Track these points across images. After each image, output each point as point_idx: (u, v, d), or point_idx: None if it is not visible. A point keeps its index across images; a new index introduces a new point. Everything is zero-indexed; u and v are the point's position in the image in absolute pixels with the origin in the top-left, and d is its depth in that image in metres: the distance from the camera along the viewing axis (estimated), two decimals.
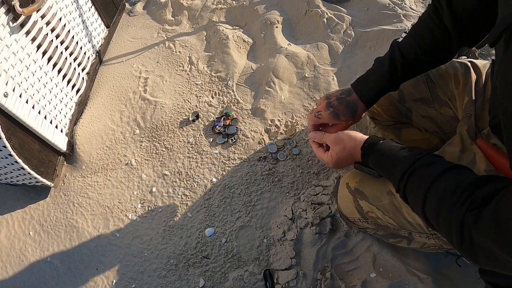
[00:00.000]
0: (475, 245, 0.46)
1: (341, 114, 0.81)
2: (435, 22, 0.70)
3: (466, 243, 0.48)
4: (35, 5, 1.16)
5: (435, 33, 0.71)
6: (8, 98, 1.06)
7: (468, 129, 0.72)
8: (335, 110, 0.81)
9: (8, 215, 1.38)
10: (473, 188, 0.49)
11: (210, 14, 1.82)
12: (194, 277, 1.09)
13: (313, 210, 1.10)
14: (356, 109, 0.81)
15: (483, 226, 0.44)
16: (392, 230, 0.84)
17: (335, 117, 0.81)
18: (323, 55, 1.51)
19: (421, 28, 0.74)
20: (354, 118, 0.83)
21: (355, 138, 0.71)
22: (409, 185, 0.59)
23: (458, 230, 0.48)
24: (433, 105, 0.87)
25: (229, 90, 1.48)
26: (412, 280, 0.95)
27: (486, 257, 0.46)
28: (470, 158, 0.68)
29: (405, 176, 0.59)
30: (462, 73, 0.81)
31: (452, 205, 0.50)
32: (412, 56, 0.74)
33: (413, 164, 0.59)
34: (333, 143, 0.75)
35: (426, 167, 0.57)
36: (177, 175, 1.31)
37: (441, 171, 0.54)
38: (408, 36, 0.76)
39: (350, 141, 0.72)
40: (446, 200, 0.51)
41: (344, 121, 0.83)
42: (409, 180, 0.59)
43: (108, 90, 1.62)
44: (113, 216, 1.28)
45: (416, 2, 1.63)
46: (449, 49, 0.72)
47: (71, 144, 1.44)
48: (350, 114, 0.81)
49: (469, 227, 0.46)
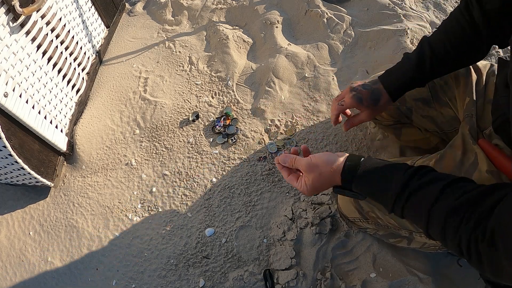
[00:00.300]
0: (483, 258, 0.45)
1: (364, 99, 0.80)
2: (465, 18, 0.69)
3: (474, 258, 0.46)
4: (35, 5, 1.16)
5: (465, 29, 0.69)
6: (8, 98, 1.06)
7: (470, 129, 0.71)
8: (358, 93, 0.80)
9: (8, 215, 1.38)
10: (475, 205, 0.46)
11: (210, 14, 1.82)
12: (194, 277, 1.09)
13: (313, 210, 1.10)
14: (380, 98, 0.80)
15: (487, 240, 0.43)
16: (392, 230, 0.84)
17: (358, 101, 0.80)
18: (323, 55, 1.51)
19: (452, 23, 0.72)
20: (377, 108, 0.81)
21: (331, 163, 0.63)
22: (407, 210, 0.55)
23: (466, 250, 0.47)
24: (433, 105, 0.87)
25: (229, 90, 1.48)
26: (412, 280, 0.95)
27: (493, 269, 0.45)
28: (472, 159, 0.68)
29: (401, 199, 0.55)
30: (462, 74, 0.81)
31: (457, 226, 0.47)
32: (441, 51, 0.72)
33: (407, 186, 0.54)
34: (306, 170, 0.66)
35: (423, 189, 0.53)
36: (177, 175, 1.31)
37: (440, 190, 0.51)
38: (438, 31, 0.75)
39: (326, 167, 0.64)
40: (450, 223, 0.48)
41: (366, 108, 0.81)
42: (407, 204, 0.54)
43: (108, 90, 1.62)
44: (113, 216, 1.28)
45: (416, 2, 1.63)
46: (479, 47, 0.71)
47: (71, 144, 1.44)
48: (373, 101, 0.80)
49: (476, 243, 0.45)
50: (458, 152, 0.71)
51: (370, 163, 0.60)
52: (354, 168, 0.61)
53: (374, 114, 0.83)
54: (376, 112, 0.83)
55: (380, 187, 0.58)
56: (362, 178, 0.60)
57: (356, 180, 0.61)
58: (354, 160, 0.62)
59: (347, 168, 0.61)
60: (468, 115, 0.74)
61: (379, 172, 0.58)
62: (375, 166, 0.59)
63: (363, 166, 0.60)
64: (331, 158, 0.64)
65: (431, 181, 0.53)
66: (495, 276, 0.45)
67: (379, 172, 0.58)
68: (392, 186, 0.55)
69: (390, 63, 1.37)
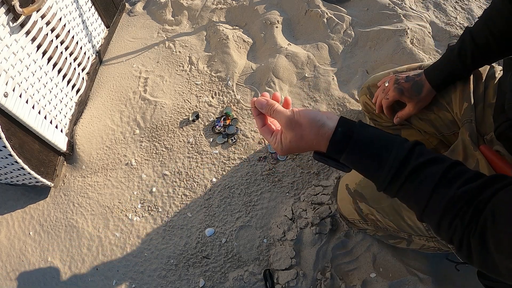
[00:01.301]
0: (473, 252, 0.44)
1: (405, 90, 0.80)
2: (507, 7, 0.68)
3: (464, 250, 0.45)
4: (35, 5, 1.16)
5: (507, 19, 0.68)
6: (8, 98, 1.06)
7: (470, 135, 0.71)
8: (400, 86, 0.81)
9: (8, 215, 1.38)
10: (474, 197, 0.45)
11: (210, 14, 1.82)
12: (194, 277, 1.09)
13: (313, 210, 1.10)
14: (422, 89, 0.80)
15: (478, 234, 0.43)
16: (391, 232, 0.84)
17: (399, 92, 0.81)
18: (323, 55, 1.51)
19: (493, 12, 0.71)
20: (420, 99, 0.81)
21: (318, 126, 0.52)
22: (402, 191, 0.50)
23: (458, 242, 0.46)
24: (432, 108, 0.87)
25: (229, 90, 1.48)
26: (412, 280, 0.95)
27: (482, 263, 0.44)
28: (473, 165, 0.67)
29: (398, 179, 0.49)
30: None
31: (453, 218, 0.45)
32: (483, 41, 0.71)
33: (405, 164, 0.49)
34: (286, 126, 0.55)
35: (423, 170, 0.48)
36: (177, 175, 1.31)
37: (442, 173, 0.47)
38: (479, 21, 0.74)
39: (311, 129, 0.53)
40: (448, 213, 0.46)
41: (408, 98, 0.81)
42: (404, 185, 0.49)
43: (108, 90, 1.62)
44: (113, 216, 1.28)
45: (416, 2, 1.63)
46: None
47: (71, 144, 1.44)
48: (415, 92, 0.80)
49: (468, 237, 0.44)
50: (459, 158, 0.70)
51: (364, 133, 0.51)
52: (347, 138, 0.51)
53: (418, 106, 0.82)
54: (420, 104, 0.82)
55: (373, 165, 0.51)
56: (354, 151, 0.51)
57: (347, 152, 0.51)
58: (347, 127, 0.51)
59: (338, 137, 0.51)
60: (467, 120, 0.73)
61: (374, 145, 0.50)
62: (370, 138, 0.51)
63: (356, 136, 0.51)
64: (318, 118, 0.53)
65: (431, 161, 0.48)
66: (484, 269, 0.44)
67: (374, 145, 0.50)
68: (387, 164, 0.49)
69: (390, 63, 1.38)
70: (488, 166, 0.65)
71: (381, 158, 0.50)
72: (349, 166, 0.53)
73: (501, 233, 0.40)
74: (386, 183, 0.50)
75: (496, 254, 0.41)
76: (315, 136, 0.52)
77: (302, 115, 0.53)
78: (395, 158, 0.49)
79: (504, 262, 0.41)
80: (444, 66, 0.78)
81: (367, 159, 0.51)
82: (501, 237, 0.40)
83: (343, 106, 1.32)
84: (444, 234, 0.47)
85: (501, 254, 0.41)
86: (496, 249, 0.41)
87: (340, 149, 0.51)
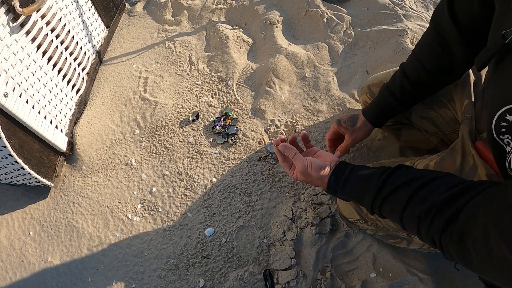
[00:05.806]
0: (455, 257, 0.49)
1: (342, 121, 0.91)
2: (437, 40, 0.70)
3: (448, 255, 0.51)
4: (35, 5, 1.16)
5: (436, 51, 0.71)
6: (8, 98, 1.06)
7: (470, 131, 0.71)
8: (340, 118, 0.93)
9: (8, 215, 1.38)
10: (441, 210, 0.50)
11: (210, 14, 1.82)
12: (194, 277, 1.09)
13: (313, 210, 1.10)
14: (357, 121, 0.89)
15: (455, 242, 0.47)
16: (391, 231, 0.84)
17: (337, 123, 0.92)
18: (323, 55, 1.51)
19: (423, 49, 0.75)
20: (354, 130, 0.90)
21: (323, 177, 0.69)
22: (384, 214, 0.61)
23: (439, 249, 0.52)
24: (432, 107, 0.87)
25: (229, 90, 1.48)
26: (412, 280, 0.95)
27: (465, 265, 0.49)
28: (471, 163, 0.68)
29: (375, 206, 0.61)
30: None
31: (427, 230, 0.52)
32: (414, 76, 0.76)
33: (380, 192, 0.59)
34: (300, 172, 0.71)
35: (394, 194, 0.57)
36: (177, 175, 1.31)
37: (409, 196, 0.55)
38: (411, 55, 0.78)
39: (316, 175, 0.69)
40: (422, 226, 0.53)
41: (344, 129, 0.91)
42: (381, 209, 0.60)
43: (108, 90, 1.62)
44: (113, 216, 1.28)
45: (416, 2, 1.63)
46: (452, 69, 0.72)
47: (71, 144, 1.44)
48: (350, 124, 0.90)
49: (446, 245, 0.49)
50: (458, 156, 0.71)
51: (351, 177, 0.66)
52: (337, 182, 0.67)
53: (353, 136, 0.90)
54: (355, 134, 0.90)
55: (359, 196, 0.65)
56: (344, 189, 0.66)
57: (339, 193, 0.68)
58: (339, 175, 0.67)
59: (331, 184, 0.67)
60: (467, 117, 0.74)
61: (358, 182, 0.64)
62: (356, 177, 0.65)
63: (343, 182, 0.66)
64: (321, 166, 0.69)
65: (402, 185, 0.57)
66: (467, 267, 0.50)
67: (358, 182, 0.64)
68: (367, 194, 0.61)
69: (390, 63, 1.38)
70: (483, 163, 0.65)
71: (362, 193, 0.64)
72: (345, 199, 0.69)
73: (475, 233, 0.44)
74: (369, 210, 0.63)
75: (474, 253, 0.44)
76: (320, 183, 0.69)
77: (313, 168, 0.69)
78: (372, 189, 0.61)
79: (484, 266, 0.44)
80: (378, 101, 0.86)
81: (354, 195, 0.66)
82: (476, 237, 0.44)
83: (343, 106, 1.32)
84: (428, 243, 0.54)
85: (479, 254, 0.44)
86: (474, 249, 0.44)
87: (335, 191, 0.68)
